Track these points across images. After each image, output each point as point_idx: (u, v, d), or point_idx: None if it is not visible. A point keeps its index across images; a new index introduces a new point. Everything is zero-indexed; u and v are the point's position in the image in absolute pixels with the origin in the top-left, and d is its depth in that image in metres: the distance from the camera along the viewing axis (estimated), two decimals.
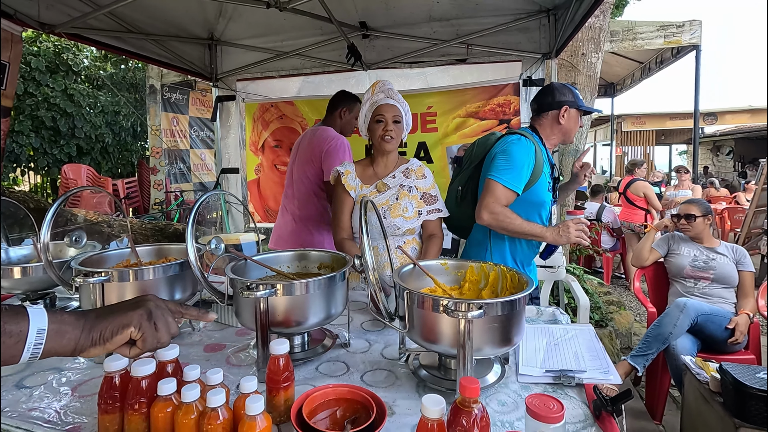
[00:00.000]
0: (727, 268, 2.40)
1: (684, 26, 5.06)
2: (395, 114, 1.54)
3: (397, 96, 1.57)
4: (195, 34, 3.01)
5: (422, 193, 1.61)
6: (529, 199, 1.59)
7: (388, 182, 1.61)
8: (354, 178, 1.62)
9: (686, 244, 2.55)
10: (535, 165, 1.56)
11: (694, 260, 2.47)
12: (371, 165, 1.65)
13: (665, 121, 11.82)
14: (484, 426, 0.63)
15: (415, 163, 1.66)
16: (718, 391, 1.62)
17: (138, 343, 0.71)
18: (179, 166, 7.92)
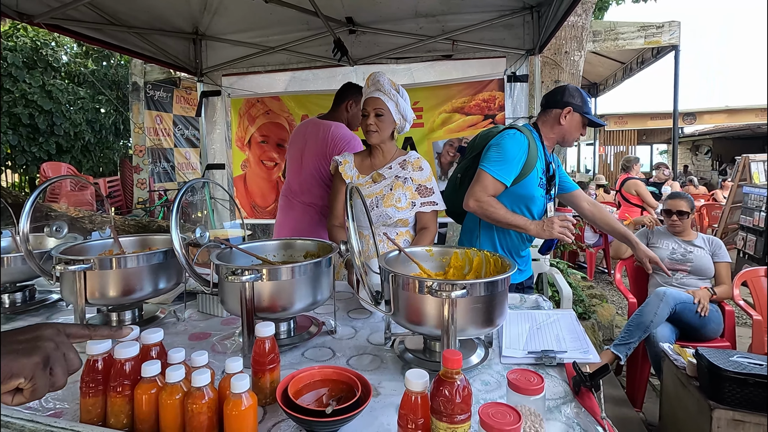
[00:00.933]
0: (704, 260, 2.46)
1: (663, 27, 5.19)
2: (377, 107, 1.55)
3: (386, 87, 1.56)
4: (179, 27, 2.98)
5: (417, 185, 1.62)
6: (517, 192, 1.62)
7: (383, 173, 1.63)
8: (352, 168, 1.66)
9: (665, 238, 2.60)
10: (527, 160, 1.60)
11: (672, 253, 2.52)
12: (369, 156, 1.68)
13: (646, 121, 12.10)
14: (466, 396, 0.64)
15: (414, 155, 1.68)
16: (695, 375, 1.67)
17: (25, 392, 0.57)
18: (163, 165, 7.79)
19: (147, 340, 0.81)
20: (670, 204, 2.59)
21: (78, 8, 2.31)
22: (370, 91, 1.59)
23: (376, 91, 1.57)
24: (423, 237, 1.61)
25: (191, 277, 1.05)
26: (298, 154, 2.21)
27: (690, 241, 2.54)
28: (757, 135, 11.77)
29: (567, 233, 1.51)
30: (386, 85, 1.57)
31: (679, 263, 2.49)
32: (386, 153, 1.65)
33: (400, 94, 1.59)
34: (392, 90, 1.58)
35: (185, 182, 8.92)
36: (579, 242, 4.94)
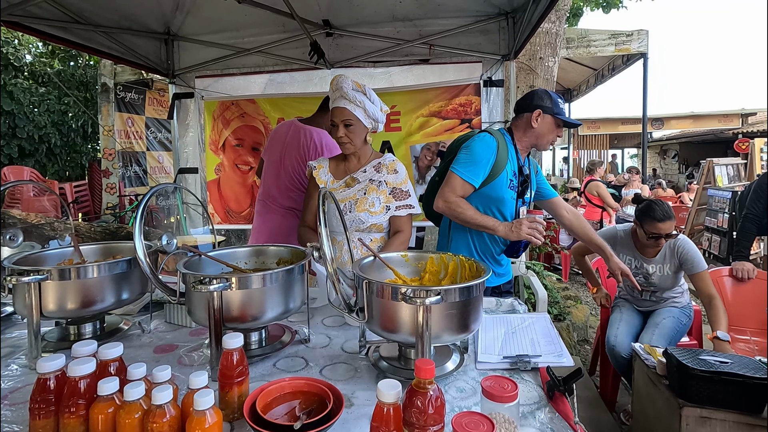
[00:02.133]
0: (667, 279, 2.25)
1: (633, 35, 5.38)
2: (345, 118, 1.51)
3: (350, 93, 1.51)
4: (150, 27, 2.89)
5: (392, 188, 1.59)
6: (487, 193, 1.63)
7: (357, 176, 1.60)
8: (326, 173, 1.64)
9: (627, 252, 2.32)
10: (495, 161, 1.60)
11: (635, 274, 2.26)
12: (344, 161, 1.65)
13: (617, 126, 12.52)
14: (439, 406, 0.63)
15: (389, 158, 1.65)
16: (664, 374, 1.71)
17: None
18: (134, 169, 7.53)
19: (105, 356, 0.77)
20: (660, 228, 2.13)
21: (40, 5, 2.20)
22: (334, 98, 1.54)
23: (341, 99, 1.52)
24: (395, 239, 1.58)
25: (156, 287, 1.00)
26: (277, 157, 2.17)
27: (652, 259, 2.26)
28: (720, 139, 12.34)
29: (536, 234, 1.51)
30: (350, 92, 1.51)
31: (642, 286, 2.30)
32: (361, 157, 1.63)
33: (367, 96, 1.55)
34: (357, 94, 1.52)
35: (158, 185, 8.63)
36: (554, 244, 5.04)
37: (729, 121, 11.84)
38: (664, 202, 2.20)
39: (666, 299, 2.32)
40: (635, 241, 2.30)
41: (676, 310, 2.29)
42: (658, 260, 2.24)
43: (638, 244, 2.28)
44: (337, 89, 1.53)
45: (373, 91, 2.91)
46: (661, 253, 2.23)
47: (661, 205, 2.16)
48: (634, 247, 2.30)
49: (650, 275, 2.25)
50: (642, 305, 2.37)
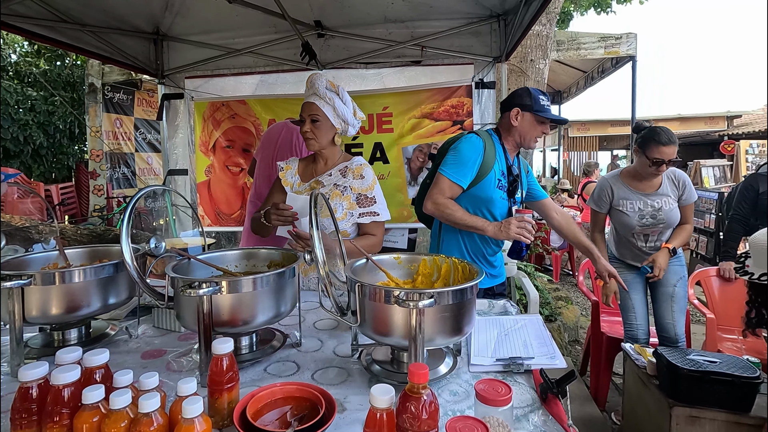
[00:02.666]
0: (673, 212, 2.15)
1: (621, 38, 5.45)
2: (312, 112, 1.49)
3: (322, 90, 1.49)
4: (138, 27, 2.85)
5: (357, 195, 1.55)
6: (476, 194, 1.64)
7: (323, 180, 1.57)
8: (293, 175, 1.61)
9: (628, 196, 2.18)
10: (482, 162, 1.61)
11: (641, 216, 2.15)
12: (313, 162, 1.63)
13: (607, 128, 12.66)
14: (433, 411, 0.62)
15: (357, 161, 1.61)
16: (655, 374, 1.73)
17: None
18: (123, 171, 7.42)
19: (90, 363, 0.75)
20: (662, 152, 2.01)
21: (26, 4, 2.16)
22: (307, 95, 1.53)
23: (312, 95, 1.51)
24: (360, 239, 1.56)
25: (144, 291, 0.98)
26: (269, 158, 2.16)
27: (656, 192, 2.14)
28: (707, 141, 12.56)
29: (524, 233, 1.51)
30: (322, 88, 1.49)
31: (650, 227, 2.16)
32: (328, 160, 1.60)
33: (340, 96, 1.52)
34: (329, 93, 1.50)
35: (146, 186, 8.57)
36: (545, 245, 5.08)
37: (715, 123, 12.06)
38: (667, 128, 2.07)
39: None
40: (628, 181, 2.19)
41: (678, 267, 2.21)
42: (662, 192, 2.13)
43: (634, 183, 2.17)
44: (311, 86, 1.52)
45: (366, 92, 2.93)
46: (664, 185, 2.14)
47: (665, 130, 2.05)
48: (630, 188, 2.18)
49: (657, 210, 2.12)
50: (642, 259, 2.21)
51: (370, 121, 2.88)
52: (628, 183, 2.19)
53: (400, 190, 2.88)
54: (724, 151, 7.12)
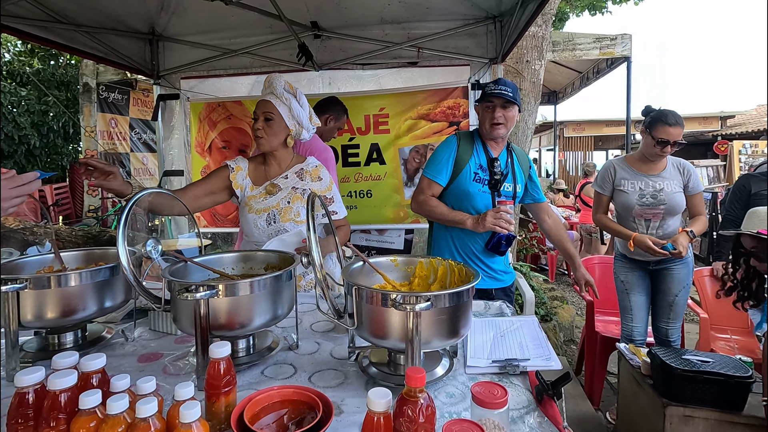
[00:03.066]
0: (677, 197, 2.12)
1: (616, 39, 5.48)
2: (266, 110, 1.46)
3: (279, 90, 1.47)
4: (134, 27, 2.84)
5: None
6: (455, 189, 1.69)
7: (279, 183, 1.54)
8: (244, 177, 1.55)
9: (630, 176, 2.18)
10: (456, 157, 1.68)
11: (642, 195, 2.14)
12: (264, 164, 1.57)
13: (602, 128, 12.73)
14: (430, 415, 0.63)
15: (312, 163, 1.60)
16: (649, 374, 1.74)
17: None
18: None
19: (87, 367, 0.75)
20: (667, 132, 2.03)
21: (19, 4, 2.15)
22: (264, 94, 1.50)
23: (268, 94, 1.48)
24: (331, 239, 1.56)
25: (140, 295, 0.98)
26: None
27: (658, 174, 2.14)
28: (700, 141, 12.65)
29: (501, 224, 1.51)
30: (279, 88, 1.47)
31: (650, 208, 2.13)
32: (281, 161, 1.57)
33: (297, 99, 1.51)
34: (286, 93, 1.48)
35: (141, 189, 8.58)
36: (541, 245, 5.10)
37: (709, 123, 12.15)
38: (674, 111, 2.09)
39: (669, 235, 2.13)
40: (632, 164, 2.20)
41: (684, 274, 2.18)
42: (665, 175, 2.14)
43: (638, 165, 2.18)
44: (269, 86, 1.51)
45: (363, 93, 2.94)
46: (668, 169, 2.15)
47: (673, 112, 2.07)
48: (634, 169, 2.18)
49: (659, 191, 2.11)
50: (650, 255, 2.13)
51: (366, 122, 2.88)
52: (632, 165, 2.20)
53: (397, 191, 2.89)
54: (717, 151, 7.18)
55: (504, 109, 1.64)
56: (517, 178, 1.76)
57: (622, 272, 2.29)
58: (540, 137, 15.39)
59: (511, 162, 1.75)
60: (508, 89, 1.64)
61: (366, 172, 2.90)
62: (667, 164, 2.16)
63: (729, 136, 9.91)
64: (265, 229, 1.53)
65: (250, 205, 1.53)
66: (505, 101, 1.63)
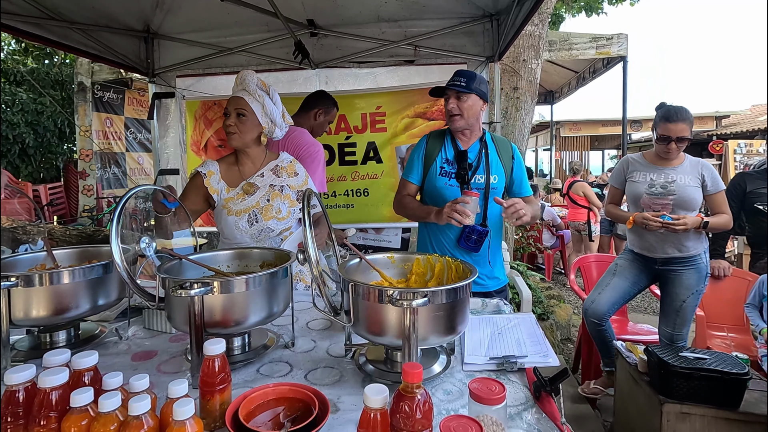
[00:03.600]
0: (689, 190, 2.05)
1: (613, 39, 5.50)
2: (238, 106, 1.45)
3: (251, 87, 1.46)
4: (128, 25, 2.81)
5: (296, 192, 1.56)
6: (428, 187, 1.72)
7: (255, 182, 1.52)
8: (218, 181, 1.52)
9: (643, 168, 2.16)
10: (425, 154, 1.72)
11: (651, 185, 2.10)
12: (236, 164, 1.55)
13: (598, 128, 12.77)
14: (427, 411, 0.62)
15: (286, 159, 1.59)
16: (645, 371, 1.74)
17: None
18: (113, 171, 7.32)
19: (78, 365, 0.73)
20: (668, 129, 2.02)
21: (11, 0, 2.12)
22: (236, 91, 1.49)
23: (241, 91, 1.47)
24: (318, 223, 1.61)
25: (134, 292, 0.97)
26: None
27: (673, 168, 2.10)
28: (696, 141, 12.71)
29: (455, 216, 1.45)
30: (252, 85, 1.46)
31: (659, 198, 2.08)
32: (255, 159, 1.54)
33: (270, 96, 1.50)
34: (259, 90, 1.47)
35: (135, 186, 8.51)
36: (537, 244, 5.11)
37: (704, 123, 12.22)
38: (683, 107, 2.05)
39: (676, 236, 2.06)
40: (648, 158, 2.19)
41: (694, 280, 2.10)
42: (680, 170, 2.09)
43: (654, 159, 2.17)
44: (241, 82, 1.48)
45: (360, 91, 2.93)
46: (684, 164, 2.11)
47: (677, 108, 2.04)
48: (648, 162, 2.17)
49: (670, 182, 2.07)
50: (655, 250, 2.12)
51: (363, 121, 2.88)
52: (648, 159, 2.20)
53: (394, 189, 2.87)
54: (713, 151, 7.23)
55: (458, 99, 1.61)
56: (492, 169, 1.68)
57: (623, 260, 2.28)
58: (537, 137, 15.43)
59: (485, 153, 1.68)
60: (462, 79, 1.61)
61: (363, 171, 2.90)
62: (685, 160, 2.13)
63: (724, 135, 9.97)
64: (247, 230, 1.51)
65: (229, 208, 1.50)
66: (457, 92, 1.61)
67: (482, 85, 1.64)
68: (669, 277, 2.16)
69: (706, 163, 2.15)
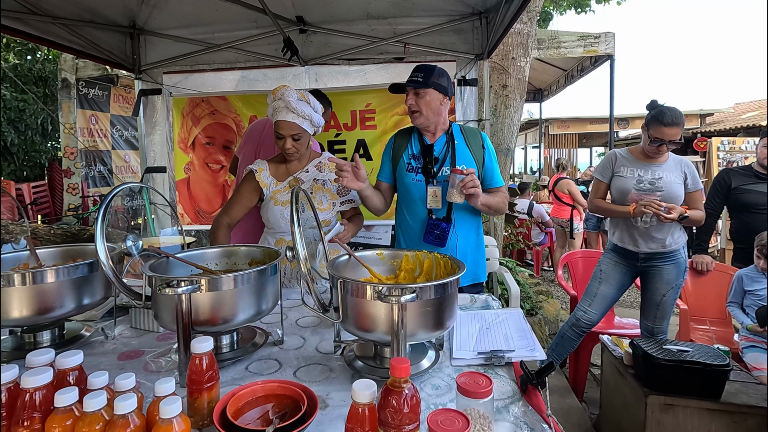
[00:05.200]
0: (675, 186, 2.11)
1: (600, 37, 5.55)
2: (294, 133, 1.54)
3: (296, 105, 1.51)
4: (113, 20, 2.76)
5: (336, 186, 1.68)
6: (399, 185, 1.73)
7: (301, 177, 1.65)
8: (267, 176, 1.64)
9: (630, 165, 2.19)
10: (392, 153, 1.73)
11: (639, 181, 2.13)
12: (284, 162, 1.68)
13: (586, 125, 12.91)
14: (415, 405, 0.63)
15: (327, 156, 1.68)
16: (631, 364, 1.78)
17: None
18: (99, 169, 7.19)
19: (63, 365, 0.72)
20: (663, 132, 2.04)
21: None
22: (279, 107, 1.52)
23: (288, 113, 1.51)
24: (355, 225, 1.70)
25: (120, 291, 0.96)
26: (251, 155, 2.15)
27: (660, 164, 2.15)
28: None
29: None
30: (295, 103, 1.51)
31: (646, 194, 2.11)
32: (302, 158, 1.68)
33: (311, 106, 1.56)
34: (302, 105, 1.53)
35: (123, 183, 8.39)
36: (526, 241, 5.16)
37: (688, 121, 12.40)
38: (676, 108, 2.08)
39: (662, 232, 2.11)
40: (634, 154, 2.22)
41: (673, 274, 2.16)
42: (665, 167, 2.14)
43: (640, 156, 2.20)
44: (282, 100, 1.52)
45: (349, 88, 2.92)
46: (668, 162, 2.16)
47: (672, 111, 2.06)
48: (635, 159, 2.20)
49: (657, 179, 2.11)
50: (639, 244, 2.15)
51: (353, 118, 2.87)
52: (634, 155, 2.23)
53: None
54: (697, 148, 7.35)
55: (416, 96, 1.59)
56: (458, 161, 1.64)
57: (607, 264, 2.29)
58: (526, 134, 15.54)
59: (451, 146, 1.66)
60: (419, 75, 1.59)
61: None
62: (669, 158, 2.18)
63: (708, 133, 10.16)
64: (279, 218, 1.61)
65: (276, 199, 1.62)
66: (415, 88, 1.59)
67: (442, 79, 1.60)
68: (650, 272, 2.21)
69: (688, 161, 2.20)
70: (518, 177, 11.73)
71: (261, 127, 2.25)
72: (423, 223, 1.65)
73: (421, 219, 1.66)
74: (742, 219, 2.66)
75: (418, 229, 1.67)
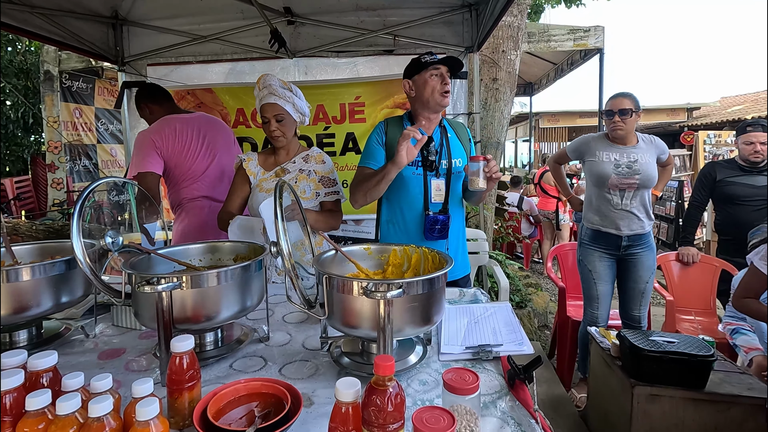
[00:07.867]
0: (650, 167, 2.18)
1: (590, 31, 5.56)
2: (277, 113, 1.60)
3: (279, 90, 1.59)
4: (95, 10, 2.69)
5: (320, 177, 1.71)
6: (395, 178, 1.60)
7: (287, 167, 1.70)
8: (255, 165, 1.71)
9: (605, 148, 2.23)
10: (386, 140, 1.63)
11: (617, 165, 2.17)
12: (273, 154, 1.74)
13: (576, 119, 12.99)
14: (399, 404, 0.62)
15: (316, 151, 1.76)
16: (618, 355, 1.79)
17: None
18: (84, 163, 7.05)
19: (35, 366, 0.70)
20: (611, 104, 2.20)
21: None
22: (263, 95, 1.60)
23: (271, 96, 1.59)
24: (323, 213, 1.70)
25: (98, 288, 0.93)
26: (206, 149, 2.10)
27: (634, 146, 2.22)
28: (668, 132, 13.08)
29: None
30: (279, 88, 1.59)
31: (626, 177, 2.15)
32: (289, 150, 1.73)
33: (294, 93, 1.64)
34: (285, 91, 1.61)
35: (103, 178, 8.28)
36: (516, 234, 5.19)
37: (676, 114, 12.56)
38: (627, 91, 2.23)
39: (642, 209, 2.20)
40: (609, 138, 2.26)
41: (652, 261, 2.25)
42: (639, 149, 2.21)
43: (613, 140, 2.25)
44: (265, 87, 1.60)
45: (338, 81, 2.89)
46: (639, 143, 2.23)
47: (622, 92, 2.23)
48: (609, 141, 2.25)
49: (633, 162, 2.17)
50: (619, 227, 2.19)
51: (342, 111, 2.84)
52: (609, 139, 2.28)
53: None
54: (684, 142, 7.43)
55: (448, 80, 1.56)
56: (453, 154, 1.64)
57: (590, 260, 2.31)
58: (516, 128, 15.60)
59: (445, 139, 1.64)
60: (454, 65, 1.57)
61: (342, 162, 2.86)
62: (639, 140, 2.26)
63: (695, 126, 10.29)
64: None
65: (261, 186, 1.67)
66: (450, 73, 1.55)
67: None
68: (631, 261, 2.25)
69: (654, 137, 2.30)
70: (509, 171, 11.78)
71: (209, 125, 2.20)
72: (419, 218, 1.61)
73: (418, 214, 1.62)
74: (726, 211, 2.69)
75: (414, 224, 1.64)
